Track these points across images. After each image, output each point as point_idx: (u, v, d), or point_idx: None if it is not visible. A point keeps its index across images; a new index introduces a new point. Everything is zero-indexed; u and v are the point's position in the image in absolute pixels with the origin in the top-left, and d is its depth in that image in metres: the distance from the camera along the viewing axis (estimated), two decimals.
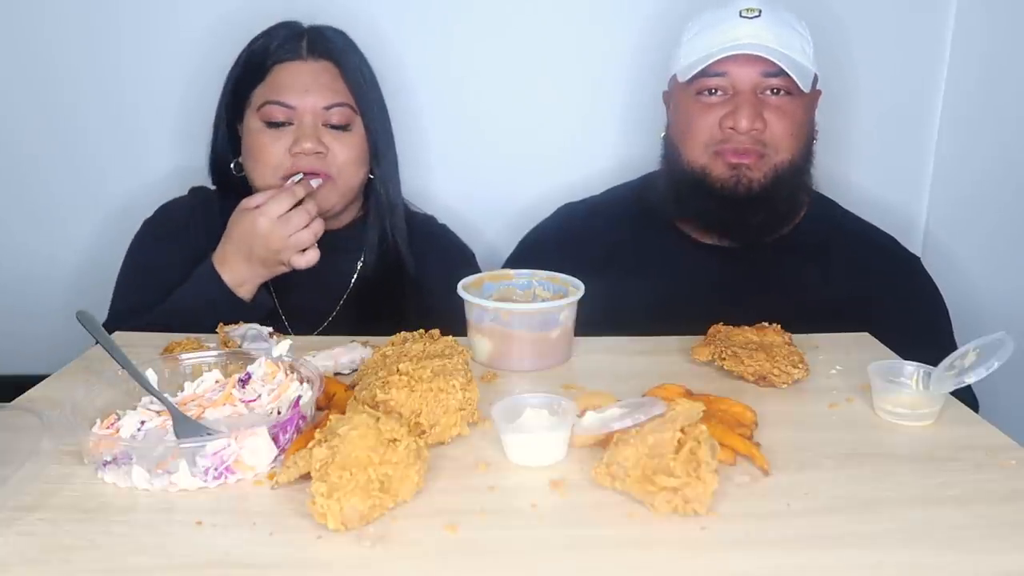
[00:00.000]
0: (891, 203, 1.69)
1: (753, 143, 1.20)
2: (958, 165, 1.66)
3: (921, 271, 1.34)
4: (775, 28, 1.20)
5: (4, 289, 1.66)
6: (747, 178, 1.21)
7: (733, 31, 1.20)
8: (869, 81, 1.65)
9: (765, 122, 1.20)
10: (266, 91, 1.22)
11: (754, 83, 1.20)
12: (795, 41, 1.21)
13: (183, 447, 0.70)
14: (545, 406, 0.79)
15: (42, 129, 1.60)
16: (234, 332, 1.01)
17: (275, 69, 1.22)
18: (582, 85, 1.63)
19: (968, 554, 0.63)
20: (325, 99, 1.21)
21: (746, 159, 1.20)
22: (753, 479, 0.73)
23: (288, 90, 1.20)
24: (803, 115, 1.23)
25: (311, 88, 1.21)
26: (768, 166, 1.21)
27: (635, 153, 1.48)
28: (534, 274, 1.07)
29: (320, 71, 1.23)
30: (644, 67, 1.55)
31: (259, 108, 1.21)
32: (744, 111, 1.19)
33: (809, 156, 1.27)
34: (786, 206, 1.27)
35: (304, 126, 1.20)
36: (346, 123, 1.23)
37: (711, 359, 0.95)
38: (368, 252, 1.31)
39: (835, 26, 1.59)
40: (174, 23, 1.55)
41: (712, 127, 1.22)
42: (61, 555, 0.61)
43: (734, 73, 1.20)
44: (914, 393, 0.85)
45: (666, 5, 1.54)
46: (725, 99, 1.21)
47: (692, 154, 1.25)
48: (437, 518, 0.66)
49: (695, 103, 1.24)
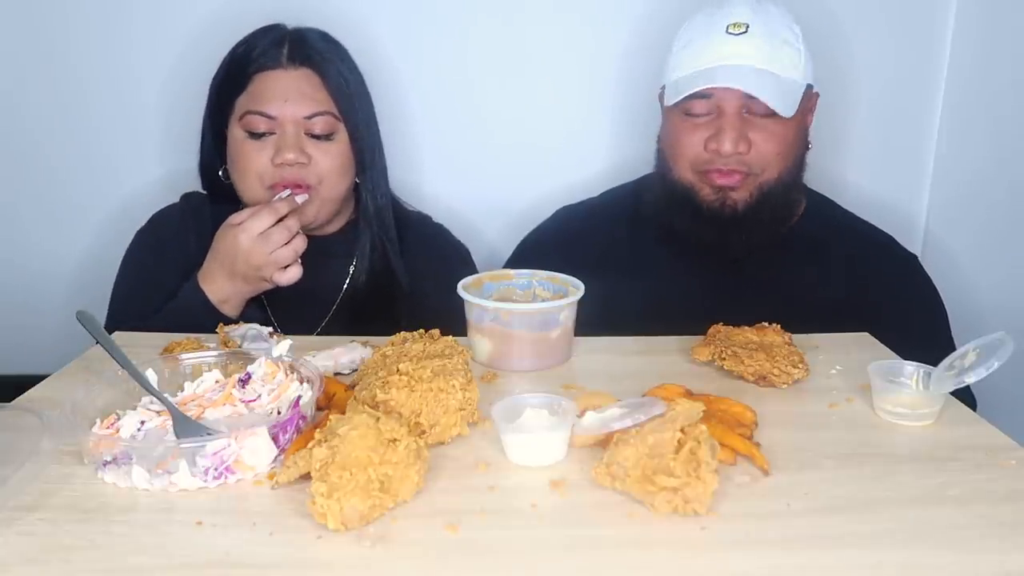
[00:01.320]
0: (890, 202, 1.69)
1: (738, 164, 1.19)
2: (957, 164, 1.66)
3: (920, 270, 1.33)
4: (763, 44, 1.16)
5: (4, 289, 1.66)
6: (732, 200, 1.21)
7: (719, 49, 1.17)
8: (868, 80, 1.65)
9: (750, 143, 1.18)
10: (248, 101, 1.20)
11: (739, 104, 1.18)
12: (785, 56, 1.18)
13: (183, 447, 0.70)
14: (545, 406, 0.79)
15: (42, 129, 1.60)
16: (234, 332, 1.01)
17: (256, 78, 1.20)
18: (579, 85, 1.63)
19: (968, 554, 0.63)
20: (306, 108, 1.19)
21: (731, 180, 1.20)
22: (753, 479, 0.73)
23: (269, 100, 1.18)
24: (791, 133, 1.21)
25: (291, 97, 1.18)
26: (753, 185, 1.20)
27: (633, 154, 1.48)
28: (534, 274, 1.08)
29: (301, 79, 1.20)
30: (639, 67, 1.55)
31: (241, 118, 1.20)
32: (728, 134, 1.17)
33: (798, 170, 1.26)
34: (773, 221, 1.25)
35: (286, 136, 1.18)
36: (329, 132, 1.21)
37: (711, 359, 0.95)
38: (359, 259, 1.30)
39: (835, 25, 1.59)
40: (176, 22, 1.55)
41: (697, 147, 1.20)
42: (61, 555, 0.61)
43: (719, 95, 1.18)
44: (914, 393, 0.85)
45: (657, 5, 1.54)
46: (710, 119, 1.20)
47: (680, 171, 1.24)
48: (437, 518, 0.66)
49: (682, 122, 1.22)
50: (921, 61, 1.66)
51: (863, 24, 1.62)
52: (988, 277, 1.54)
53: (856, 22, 1.61)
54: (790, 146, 1.21)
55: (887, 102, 1.67)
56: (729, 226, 1.22)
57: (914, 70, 1.66)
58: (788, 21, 1.21)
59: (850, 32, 1.61)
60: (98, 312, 0.89)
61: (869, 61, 1.64)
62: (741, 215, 1.21)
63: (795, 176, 1.25)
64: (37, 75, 1.57)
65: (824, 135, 1.32)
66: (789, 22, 1.21)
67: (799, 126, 1.23)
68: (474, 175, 1.66)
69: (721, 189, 1.21)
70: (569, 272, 1.05)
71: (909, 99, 1.68)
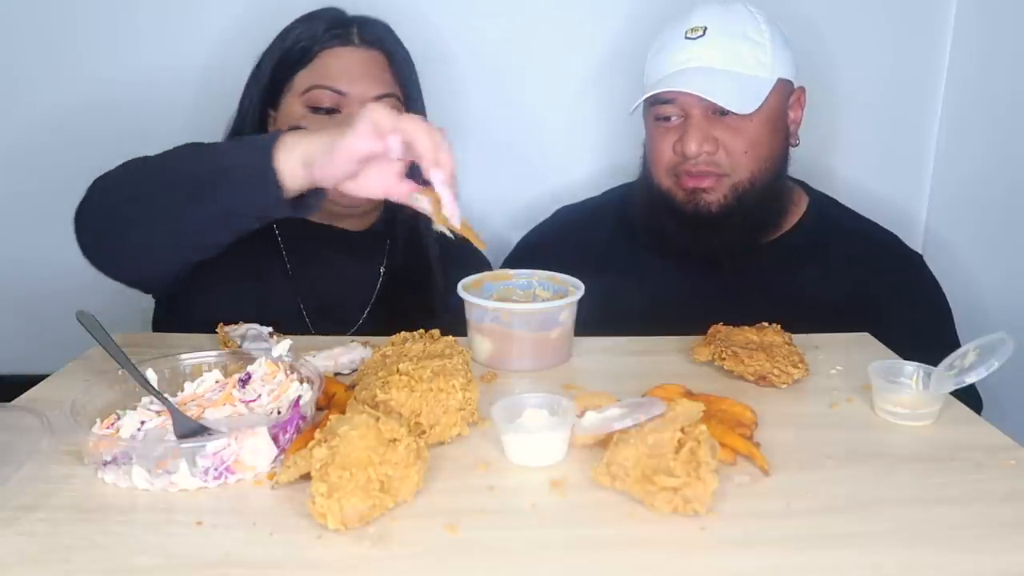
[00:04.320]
0: (891, 200, 1.69)
1: (708, 165, 1.20)
2: (957, 162, 1.66)
3: (924, 269, 1.33)
4: (722, 44, 1.18)
5: (4, 289, 1.66)
6: (705, 201, 1.22)
7: (679, 55, 1.20)
8: (869, 78, 1.65)
9: (717, 142, 1.19)
10: (313, 76, 1.18)
11: (702, 107, 1.19)
12: (746, 52, 1.18)
13: (183, 447, 0.70)
14: (545, 406, 0.79)
15: (42, 129, 1.59)
16: (234, 332, 1.01)
17: (324, 54, 1.18)
18: (578, 85, 1.63)
19: (968, 554, 0.63)
20: (376, 88, 1.18)
21: (703, 182, 1.21)
22: (753, 479, 0.73)
23: (338, 76, 1.17)
24: (761, 129, 1.21)
25: (362, 75, 1.18)
26: (726, 187, 1.21)
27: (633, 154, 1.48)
28: (534, 274, 1.08)
29: (371, 60, 1.20)
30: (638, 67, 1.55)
31: (304, 92, 1.18)
32: (691, 135, 1.19)
33: (777, 167, 1.25)
34: (751, 222, 1.25)
35: (353, 114, 1.17)
36: None
37: (711, 359, 0.95)
38: (395, 252, 1.28)
39: (835, 25, 1.59)
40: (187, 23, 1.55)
41: (668, 151, 1.23)
42: (61, 555, 0.61)
43: (681, 99, 1.20)
44: (914, 393, 0.85)
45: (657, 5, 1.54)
46: (679, 123, 1.22)
47: (658, 176, 1.26)
48: (437, 518, 0.66)
49: (655, 127, 1.25)
50: (921, 61, 1.66)
51: (863, 24, 1.62)
52: (988, 276, 1.54)
53: (856, 22, 1.61)
54: (761, 143, 1.22)
55: (887, 101, 1.67)
56: (705, 228, 1.23)
57: (914, 70, 1.66)
58: (756, 20, 1.21)
59: (850, 32, 1.61)
60: (98, 312, 0.89)
61: (869, 61, 1.64)
62: (716, 216, 1.22)
63: (772, 175, 1.24)
64: (38, 75, 1.57)
65: (824, 134, 1.33)
66: (757, 21, 1.21)
67: (771, 122, 1.22)
68: (473, 174, 1.65)
69: (693, 192, 1.22)
70: (569, 272, 1.05)
71: (909, 98, 1.68)
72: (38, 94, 1.58)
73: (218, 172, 0.94)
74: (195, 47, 1.55)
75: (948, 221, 1.69)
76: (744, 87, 1.18)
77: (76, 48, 1.56)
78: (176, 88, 1.56)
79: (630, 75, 1.57)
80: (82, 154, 1.60)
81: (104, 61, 1.57)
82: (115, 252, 1.06)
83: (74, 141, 1.60)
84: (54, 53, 1.56)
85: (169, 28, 1.55)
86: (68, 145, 1.60)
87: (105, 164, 1.63)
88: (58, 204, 1.62)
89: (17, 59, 1.56)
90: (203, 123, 1.31)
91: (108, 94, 1.58)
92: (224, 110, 1.27)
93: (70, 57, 1.57)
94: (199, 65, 1.56)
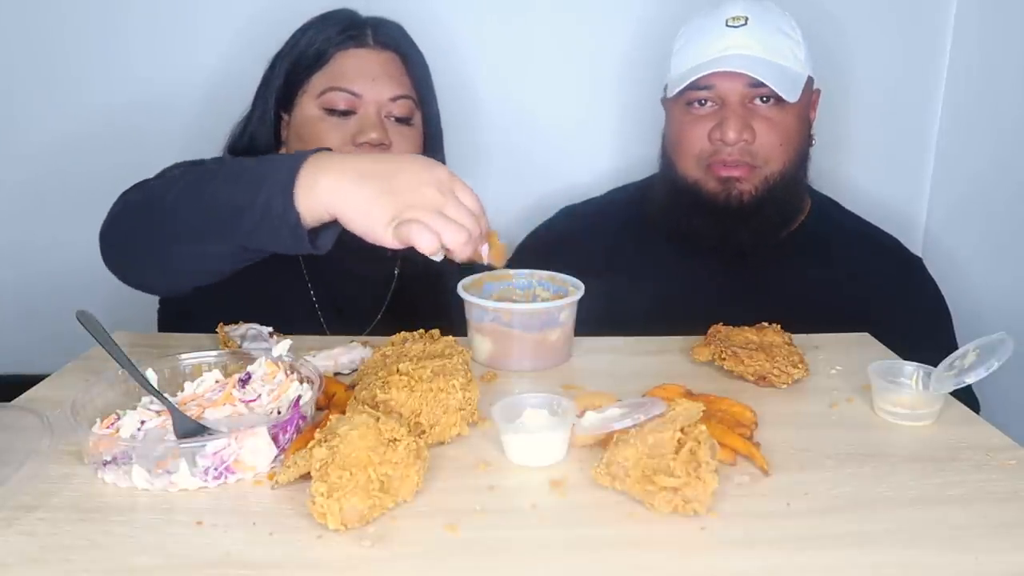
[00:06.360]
0: (891, 203, 1.69)
1: (743, 155, 1.20)
2: (958, 165, 1.66)
3: (923, 273, 1.33)
4: (762, 35, 1.19)
5: (5, 289, 1.66)
6: (738, 191, 1.21)
7: (719, 41, 1.20)
8: (869, 80, 1.65)
9: (754, 132, 1.19)
10: (328, 78, 1.18)
11: (741, 94, 1.19)
12: (784, 46, 1.20)
13: (183, 447, 0.70)
14: (545, 406, 0.79)
15: (42, 128, 1.60)
16: (234, 332, 1.01)
17: (339, 56, 1.18)
18: (583, 85, 1.63)
19: (968, 554, 0.63)
20: (391, 90, 1.18)
21: (736, 172, 1.20)
22: (753, 479, 0.73)
23: (354, 78, 1.17)
24: (794, 123, 1.22)
25: (378, 77, 1.17)
26: (759, 178, 1.21)
27: (637, 154, 1.48)
28: (534, 274, 1.07)
29: (387, 61, 1.20)
30: (644, 67, 1.55)
31: (319, 95, 1.17)
32: (731, 122, 1.18)
33: (802, 163, 1.26)
34: (779, 216, 1.26)
35: (369, 116, 1.16)
36: (408, 116, 1.20)
37: (711, 359, 0.95)
38: (410, 253, 1.28)
39: (835, 25, 1.59)
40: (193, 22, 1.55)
41: (702, 139, 1.21)
42: (61, 555, 0.61)
43: (721, 85, 1.19)
44: (914, 393, 0.85)
45: (662, 5, 1.54)
46: (714, 110, 1.21)
47: (684, 167, 1.25)
48: (437, 518, 0.66)
49: (685, 115, 1.24)
50: (921, 62, 1.66)
51: (864, 25, 1.62)
52: (989, 279, 1.54)
53: (857, 23, 1.61)
54: (793, 137, 1.22)
55: (888, 103, 1.67)
56: (735, 219, 1.22)
57: (915, 71, 1.66)
58: (785, 16, 1.23)
59: (851, 33, 1.61)
60: (98, 312, 0.89)
61: (870, 62, 1.64)
62: (747, 208, 1.22)
63: (799, 170, 1.25)
64: (37, 75, 1.57)
65: (825, 136, 1.33)
66: (786, 17, 1.23)
67: (801, 117, 1.24)
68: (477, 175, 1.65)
69: (727, 181, 1.21)
70: (573, 272, 1.05)
71: (910, 100, 1.68)
72: (36, 94, 1.58)
73: (239, 211, 0.85)
74: (207, 49, 1.55)
75: (948, 225, 1.69)
76: (786, 77, 1.19)
77: (71, 47, 1.56)
78: (186, 90, 1.56)
79: (639, 77, 1.58)
80: (82, 155, 1.61)
81: (114, 67, 1.57)
82: (142, 276, 1.06)
83: (75, 141, 1.60)
84: (54, 52, 1.56)
85: (178, 33, 1.56)
86: (68, 146, 1.60)
87: (105, 166, 1.63)
88: (58, 204, 1.64)
89: (14, 58, 1.56)
90: (212, 127, 1.31)
91: (119, 97, 1.58)
92: (233, 116, 1.28)
93: (71, 63, 1.57)
94: (209, 69, 1.56)
